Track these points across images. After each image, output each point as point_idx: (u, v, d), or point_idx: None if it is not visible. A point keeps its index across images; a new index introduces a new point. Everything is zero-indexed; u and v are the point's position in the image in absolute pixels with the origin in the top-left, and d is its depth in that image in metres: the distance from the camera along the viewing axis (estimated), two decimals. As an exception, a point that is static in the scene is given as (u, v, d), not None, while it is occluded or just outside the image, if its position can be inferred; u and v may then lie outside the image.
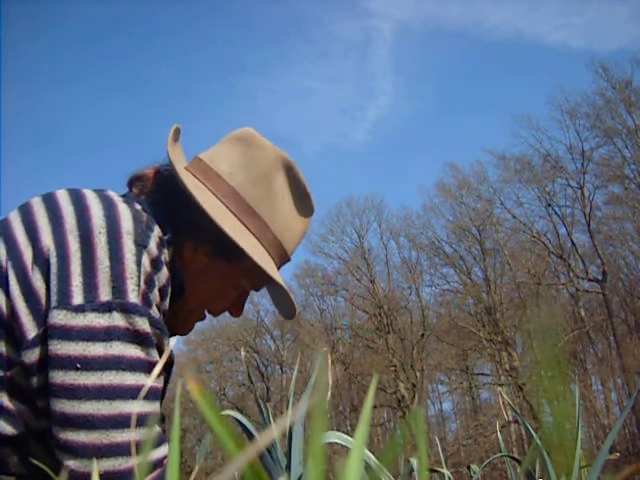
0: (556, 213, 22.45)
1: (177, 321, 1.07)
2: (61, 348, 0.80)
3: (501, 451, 1.67)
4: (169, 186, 1.04)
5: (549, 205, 22.45)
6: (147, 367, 0.85)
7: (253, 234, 1.06)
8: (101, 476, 0.79)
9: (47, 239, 0.86)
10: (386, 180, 37.76)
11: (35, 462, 0.82)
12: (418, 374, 22.02)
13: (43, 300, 0.84)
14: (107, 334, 0.82)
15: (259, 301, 26.21)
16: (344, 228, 24.75)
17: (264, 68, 36.45)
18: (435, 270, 23.53)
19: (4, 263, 0.86)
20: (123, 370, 0.82)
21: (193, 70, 38.16)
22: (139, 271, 0.86)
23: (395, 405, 21.69)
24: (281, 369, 24.79)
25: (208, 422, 0.29)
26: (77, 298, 0.82)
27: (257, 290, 1.16)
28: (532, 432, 1.39)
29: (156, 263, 0.90)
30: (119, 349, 0.82)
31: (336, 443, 1.30)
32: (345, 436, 1.28)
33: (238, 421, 1.49)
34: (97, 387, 0.80)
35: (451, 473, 1.57)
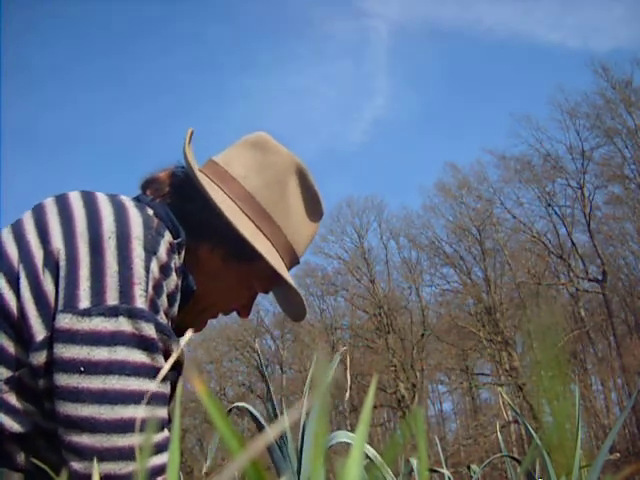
0: (556, 213, 22.46)
1: (191, 319, 1.08)
2: (66, 351, 0.81)
3: (501, 451, 1.67)
4: (185, 188, 1.05)
5: (549, 205, 22.46)
6: (152, 372, 0.86)
7: (266, 237, 1.07)
8: (102, 479, 0.80)
9: (58, 242, 0.86)
10: (386, 180, 37.79)
11: (37, 461, 0.83)
12: (418, 374, 22.02)
13: (52, 303, 0.84)
14: (112, 339, 0.82)
15: (259, 301, 26.21)
16: (344, 228, 24.76)
17: (260, 68, 36.44)
18: (435, 270, 23.55)
19: (16, 265, 0.87)
20: (127, 375, 0.83)
21: (189, 70, 38.18)
22: (147, 277, 0.87)
23: (395, 405, 21.69)
24: (281, 369, 24.80)
25: (212, 420, 0.30)
26: (84, 302, 0.83)
27: (267, 292, 1.17)
28: (532, 432, 1.39)
29: (165, 269, 0.91)
30: (124, 354, 0.83)
31: (341, 443, 1.30)
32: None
33: (251, 414, 1.49)
34: (100, 391, 0.81)
35: (451, 473, 1.57)
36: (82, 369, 0.81)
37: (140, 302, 0.85)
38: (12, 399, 0.85)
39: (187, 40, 38.04)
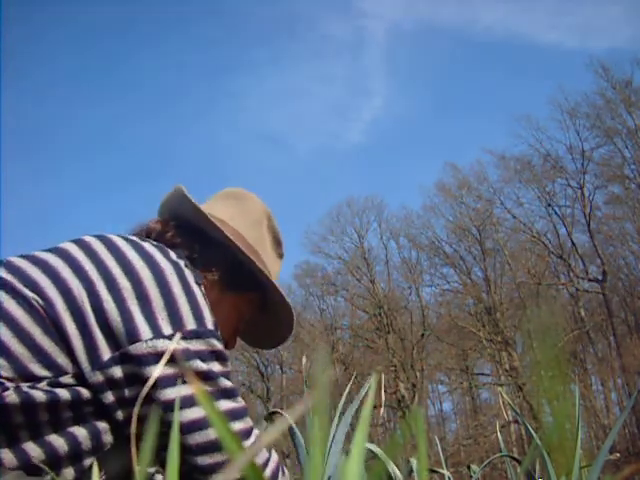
0: (556, 213, 22.49)
1: None
2: (167, 369, 0.94)
3: (501, 451, 1.67)
4: (187, 230, 1.20)
5: (549, 205, 22.48)
6: (228, 377, 1.03)
7: None
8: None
9: (122, 280, 0.97)
10: (386, 180, 37.78)
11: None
12: (418, 374, 22.04)
13: (122, 330, 0.94)
14: (197, 354, 0.97)
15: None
16: (344, 228, 24.79)
17: (257, 69, 36.42)
18: (435, 270, 23.58)
19: (78, 295, 0.95)
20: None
21: (185, 71, 38.18)
22: (207, 304, 1.03)
23: (395, 405, 21.70)
24: (281, 369, 24.82)
25: (210, 420, 0.30)
26: (167, 329, 0.95)
27: (250, 322, 1.34)
28: (532, 432, 1.39)
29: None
30: (210, 366, 0.98)
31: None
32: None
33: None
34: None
35: (451, 473, 1.57)
36: (184, 381, 0.95)
37: (210, 325, 1.00)
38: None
39: (185, 40, 38.07)
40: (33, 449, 0.89)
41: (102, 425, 0.95)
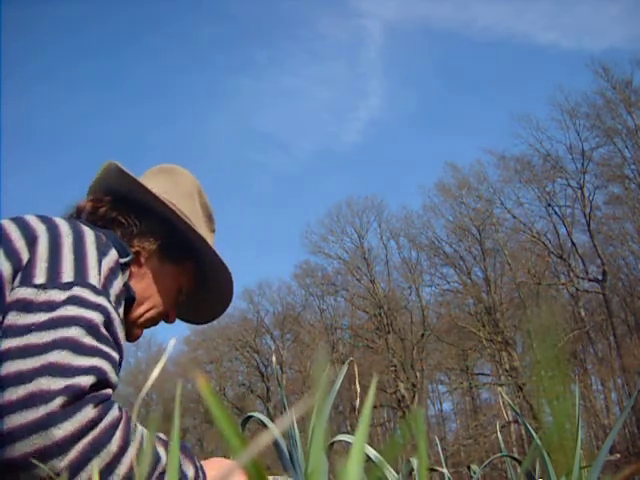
0: (556, 213, 22.48)
1: (128, 328, 1.17)
2: (20, 319, 0.85)
3: (501, 451, 1.67)
4: (122, 204, 1.20)
5: (549, 205, 22.48)
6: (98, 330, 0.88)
7: None
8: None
9: (19, 243, 0.95)
10: (386, 180, 37.77)
11: None
12: (418, 374, 22.04)
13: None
14: (66, 302, 0.87)
15: (259, 301, 26.23)
16: (344, 228, 24.80)
17: (255, 69, 36.45)
18: (435, 270, 23.58)
19: None
20: (73, 326, 0.85)
21: (184, 71, 38.18)
22: (99, 268, 0.96)
23: (395, 405, 21.71)
24: (281, 369, 24.80)
25: (213, 418, 0.30)
26: (39, 279, 0.90)
27: (189, 295, 1.32)
28: (532, 432, 1.39)
29: (113, 271, 1.00)
30: (76, 312, 0.86)
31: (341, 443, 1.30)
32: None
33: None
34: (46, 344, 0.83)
35: (451, 473, 1.57)
36: (33, 328, 0.84)
37: (94, 282, 0.93)
38: None
39: (182, 40, 38.06)
40: None
41: None
